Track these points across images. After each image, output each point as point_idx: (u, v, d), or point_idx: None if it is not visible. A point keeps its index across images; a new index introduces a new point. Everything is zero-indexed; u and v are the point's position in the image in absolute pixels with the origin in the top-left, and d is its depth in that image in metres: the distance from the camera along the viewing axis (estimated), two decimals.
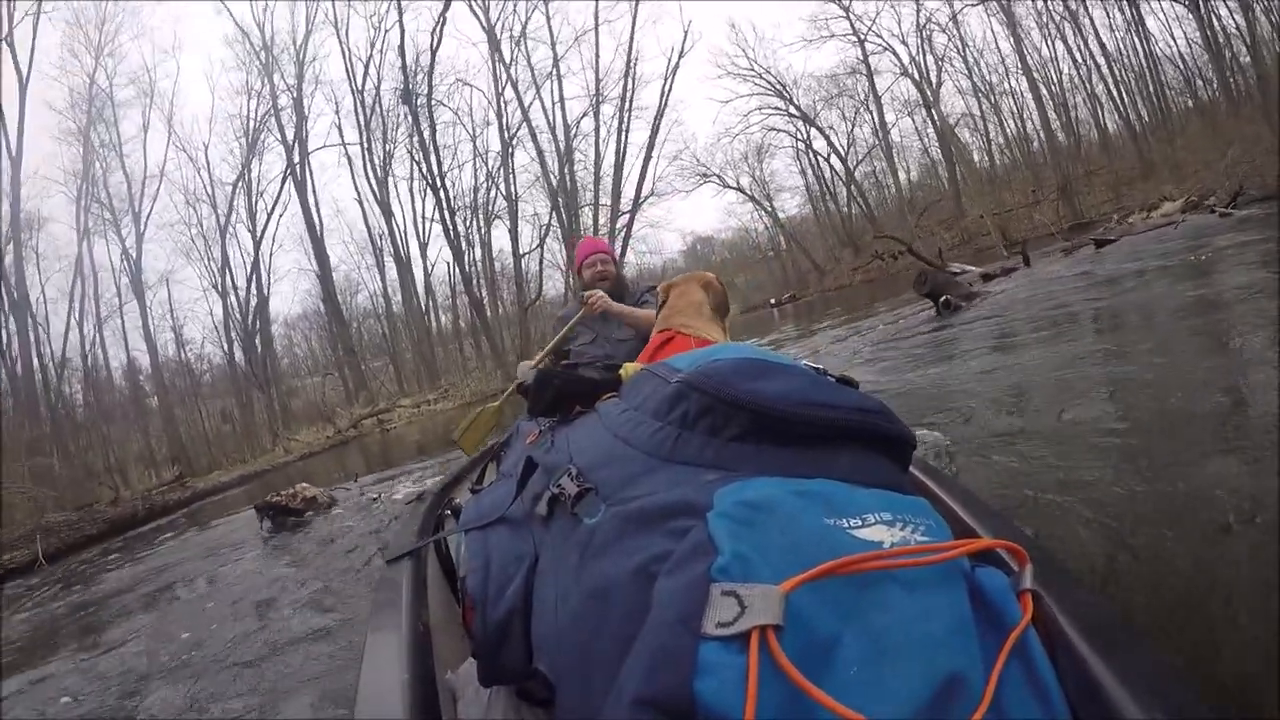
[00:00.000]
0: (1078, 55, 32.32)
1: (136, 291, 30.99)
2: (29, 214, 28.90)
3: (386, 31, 32.08)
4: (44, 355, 28.78)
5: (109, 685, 3.55)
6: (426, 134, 32.44)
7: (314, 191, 32.94)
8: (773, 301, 34.13)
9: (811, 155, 39.04)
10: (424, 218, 33.68)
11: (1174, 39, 30.34)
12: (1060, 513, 2.21)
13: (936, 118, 35.51)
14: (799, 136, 38.70)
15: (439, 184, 32.62)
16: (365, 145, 33.14)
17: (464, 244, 33.17)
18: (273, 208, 32.81)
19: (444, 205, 32.71)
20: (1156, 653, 0.70)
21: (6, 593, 8.63)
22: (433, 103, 32.53)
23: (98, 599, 6.51)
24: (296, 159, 32.50)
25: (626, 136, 33.75)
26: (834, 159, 38.38)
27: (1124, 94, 31.92)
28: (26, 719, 3.33)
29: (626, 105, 33.59)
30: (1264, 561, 1.67)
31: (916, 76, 35.35)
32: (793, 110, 37.71)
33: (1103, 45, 31.63)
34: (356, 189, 33.74)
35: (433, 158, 32.55)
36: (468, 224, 33.52)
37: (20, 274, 28.09)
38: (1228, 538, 1.76)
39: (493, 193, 33.56)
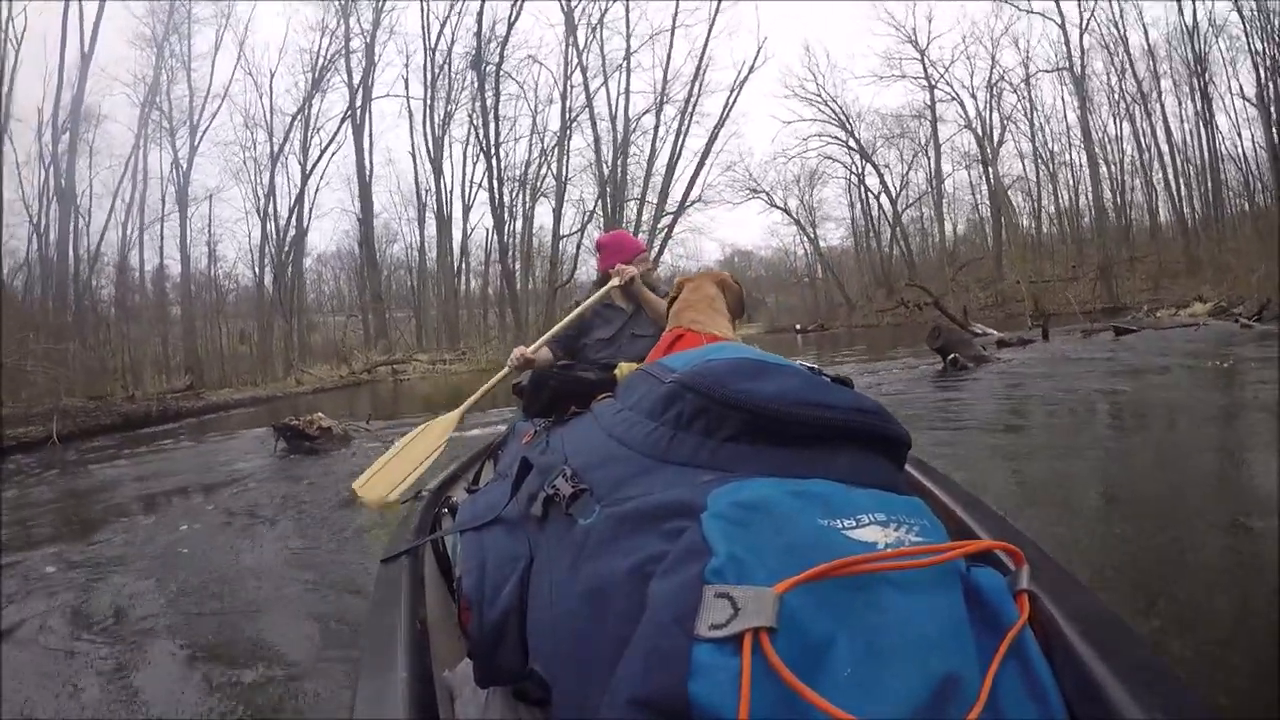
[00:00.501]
0: (1143, 139, 31.96)
1: (180, 202, 31.26)
2: (89, 108, 29.30)
3: None
4: (79, 247, 29.20)
5: (92, 565, 3.79)
6: (489, 102, 32.76)
7: (370, 137, 33.22)
8: (798, 327, 34.22)
9: (862, 190, 39.09)
10: (472, 182, 33.93)
11: (1240, 139, 29.84)
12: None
13: (992, 176, 35.36)
14: (853, 169, 38.75)
15: (493, 152, 32.94)
16: (428, 102, 33.38)
17: (507, 215, 33.50)
18: (326, 145, 33.03)
19: (494, 174, 33.05)
20: (1153, 653, 0.70)
21: (16, 464, 8.87)
22: (501, 73, 32.83)
23: (103, 485, 6.83)
24: (359, 103, 32.74)
25: (684, 140, 34.06)
26: (884, 198, 38.41)
27: (1182, 185, 31.44)
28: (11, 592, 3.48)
29: (689, 109, 33.89)
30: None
31: (980, 131, 35.26)
32: (852, 143, 37.75)
33: (1169, 132, 31.22)
34: (412, 143, 33.97)
35: (491, 126, 32.87)
36: (514, 196, 33.87)
37: (72, 164, 28.56)
38: None
39: (543, 170, 33.89)
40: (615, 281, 2.97)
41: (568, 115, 33.29)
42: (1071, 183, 34.97)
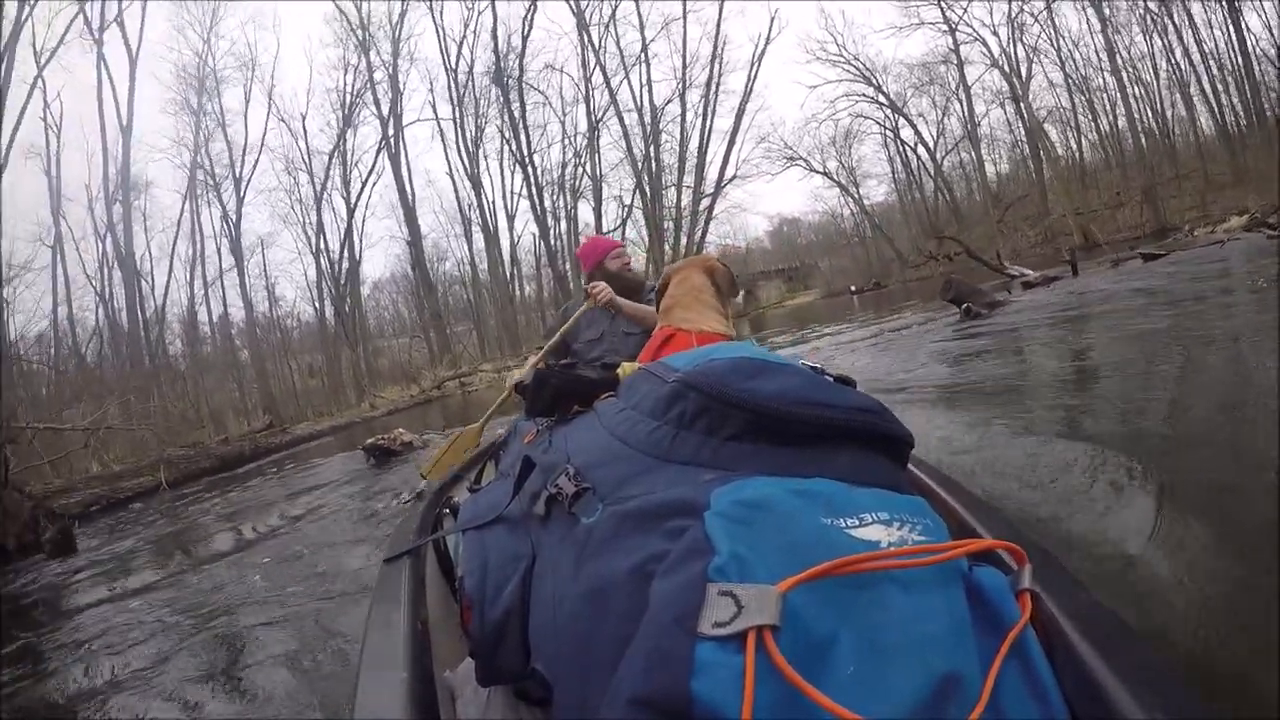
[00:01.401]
0: (1174, 53, 30.72)
1: (235, 253, 32.75)
2: (135, 177, 31.06)
3: (480, 14, 33.25)
4: (146, 309, 30.84)
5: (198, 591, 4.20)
6: (516, 113, 33.60)
7: (407, 163, 34.26)
8: (853, 288, 33.94)
9: (899, 143, 38.61)
10: (512, 192, 34.75)
11: (1275, 37, 28.05)
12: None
13: (1025, 112, 34.55)
14: (886, 124, 38.35)
15: (527, 161, 33.80)
16: (457, 121, 34.25)
17: (550, 219, 34.34)
18: (367, 177, 34.23)
19: (531, 182, 33.98)
20: (1156, 653, 0.70)
21: (136, 511, 9.54)
22: (523, 84, 33.61)
23: (218, 518, 7.47)
24: (391, 132, 33.77)
25: (711, 121, 34.41)
26: (921, 149, 37.97)
27: (1221, 94, 30.14)
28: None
29: (712, 90, 34.25)
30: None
31: (1007, 68, 34.40)
32: (881, 98, 37.30)
33: (1199, 42, 29.98)
34: (448, 162, 34.88)
35: (522, 136, 33.72)
36: (554, 199, 34.65)
37: (128, 232, 30.25)
38: None
39: (579, 171, 34.58)
40: (588, 304, 3.10)
41: (593, 115, 33.97)
42: (1108, 107, 33.84)
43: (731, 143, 34.50)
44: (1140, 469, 2.43)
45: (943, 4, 34.80)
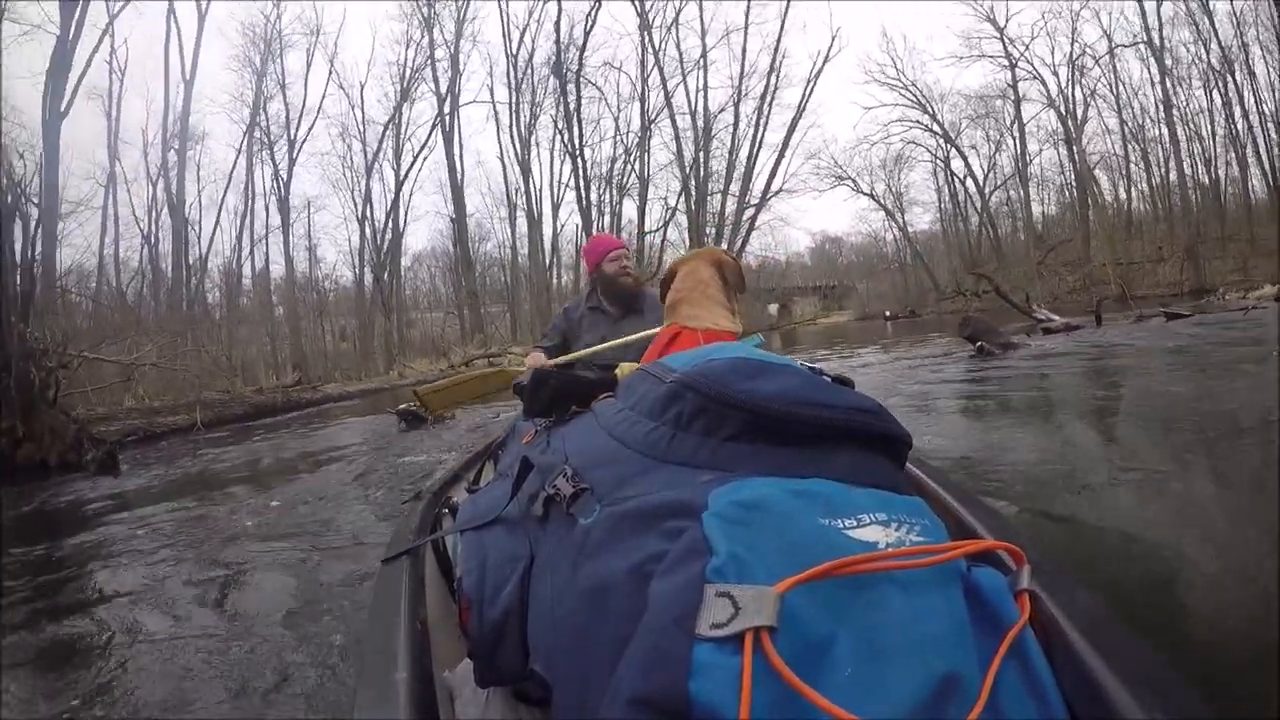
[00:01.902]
0: (1232, 109, 30.12)
1: (282, 211, 33.24)
2: (191, 128, 31.58)
3: (544, 4, 33.43)
4: (190, 256, 31.45)
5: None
6: (571, 105, 33.76)
7: (459, 142, 34.50)
8: (887, 314, 33.93)
9: (948, 174, 38.27)
10: (559, 182, 34.97)
11: None
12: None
13: (1076, 155, 34.14)
14: (938, 154, 38.07)
15: (578, 153, 33.99)
16: (513, 106, 34.50)
17: (594, 213, 34.44)
18: (418, 151, 34.52)
19: (580, 174, 34.14)
20: (1154, 652, 0.70)
21: (165, 445, 9.89)
22: (581, 78, 33.79)
23: (248, 460, 8.02)
24: (447, 110, 34.04)
25: (763, 133, 34.36)
26: (970, 182, 37.63)
27: (1275, 158, 29.35)
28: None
29: (767, 102, 34.17)
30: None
31: (1063, 110, 34.03)
32: (935, 127, 37.02)
33: (1260, 104, 29.37)
34: (500, 145, 35.16)
35: (575, 128, 33.87)
36: (601, 193, 34.84)
37: (181, 180, 30.85)
38: None
39: (628, 168, 34.68)
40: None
41: (647, 115, 34.07)
42: (1162, 159, 33.13)
43: (781, 156, 34.45)
44: (1129, 478, 2.56)
45: (1005, 38, 34.47)
